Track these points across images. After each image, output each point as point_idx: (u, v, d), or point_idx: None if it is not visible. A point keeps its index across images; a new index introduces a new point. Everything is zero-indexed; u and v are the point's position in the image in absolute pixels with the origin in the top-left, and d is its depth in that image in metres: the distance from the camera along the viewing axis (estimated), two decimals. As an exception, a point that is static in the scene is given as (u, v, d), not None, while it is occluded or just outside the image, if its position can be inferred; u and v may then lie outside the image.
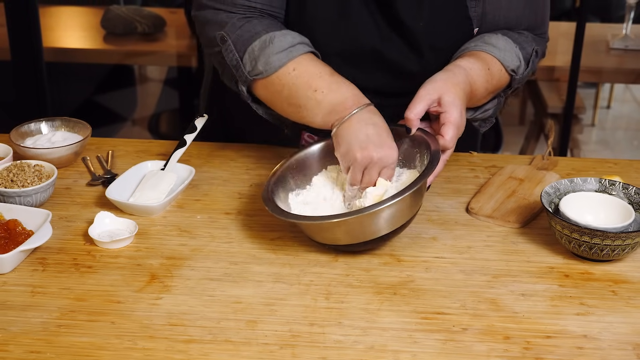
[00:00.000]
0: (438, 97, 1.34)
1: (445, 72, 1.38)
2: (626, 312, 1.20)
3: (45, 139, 1.61)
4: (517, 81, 1.49)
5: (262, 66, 1.39)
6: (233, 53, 1.41)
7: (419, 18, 1.45)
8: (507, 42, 1.47)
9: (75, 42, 3.30)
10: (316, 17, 1.46)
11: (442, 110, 1.34)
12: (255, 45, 1.40)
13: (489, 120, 1.53)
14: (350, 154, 1.31)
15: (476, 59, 1.43)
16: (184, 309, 1.18)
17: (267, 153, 1.65)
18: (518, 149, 3.83)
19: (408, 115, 1.34)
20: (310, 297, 1.21)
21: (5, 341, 1.11)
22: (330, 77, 1.37)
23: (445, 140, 1.34)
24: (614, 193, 1.39)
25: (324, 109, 1.35)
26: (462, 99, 1.36)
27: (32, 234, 1.30)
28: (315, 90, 1.36)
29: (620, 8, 4.13)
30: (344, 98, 1.35)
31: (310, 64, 1.39)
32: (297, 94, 1.38)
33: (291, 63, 1.38)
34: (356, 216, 1.24)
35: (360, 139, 1.31)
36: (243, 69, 1.41)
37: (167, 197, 1.44)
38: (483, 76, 1.42)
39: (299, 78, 1.37)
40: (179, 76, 3.84)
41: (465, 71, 1.39)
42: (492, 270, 1.28)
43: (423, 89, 1.35)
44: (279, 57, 1.38)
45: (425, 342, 1.13)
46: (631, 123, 4.67)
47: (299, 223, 1.31)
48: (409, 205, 1.28)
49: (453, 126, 1.34)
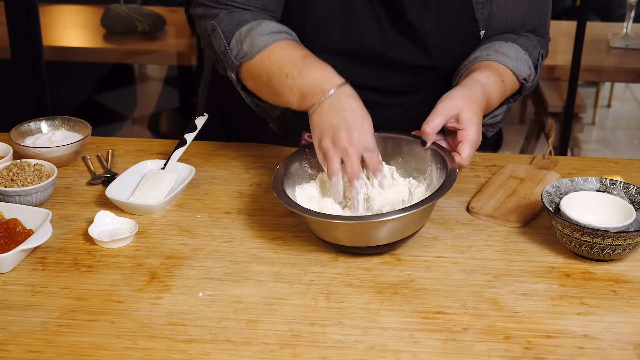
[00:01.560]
0: (456, 114, 1.33)
1: (463, 87, 1.37)
2: (627, 311, 1.19)
3: (45, 138, 1.61)
4: (527, 89, 1.49)
5: (247, 47, 1.37)
6: (221, 40, 1.41)
7: (426, 19, 1.45)
8: (518, 51, 1.46)
9: (75, 41, 3.30)
10: (320, 16, 1.46)
11: (460, 127, 1.34)
12: (242, 30, 1.39)
13: (496, 125, 1.53)
14: (323, 143, 1.28)
15: (492, 72, 1.42)
16: (184, 309, 1.18)
17: (267, 152, 1.65)
18: (518, 148, 3.83)
19: (425, 129, 1.33)
20: (311, 297, 1.21)
21: (5, 341, 1.11)
22: (302, 60, 1.34)
23: (461, 159, 1.33)
24: (615, 192, 1.39)
25: (296, 95, 1.32)
26: (479, 117, 1.35)
27: (32, 233, 1.30)
28: (287, 76, 1.33)
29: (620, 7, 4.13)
30: (314, 82, 1.31)
31: (287, 50, 1.36)
32: (273, 80, 1.35)
33: (272, 47, 1.36)
34: (361, 222, 1.23)
35: (333, 126, 1.27)
36: (230, 54, 1.40)
37: (167, 197, 1.44)
38: (498, 89, 1.42)
39: (274, 64, 1.35)
40: (179, 75, 3.84)
41: (482, 86, 1.38)
42: (492, 270, 1.28)
43: (442, 103, 1.34)
44: (264, 38, 1.37)
45: (426, 341, 1.12)
46: (631, 122, 4.67)
47: (305, 217, 1.29)
48: (417, 219, 1.28)
49: (470, 145, 1.33)
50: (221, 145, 1.68)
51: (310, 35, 1.46)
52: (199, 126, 1.56)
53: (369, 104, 1.54)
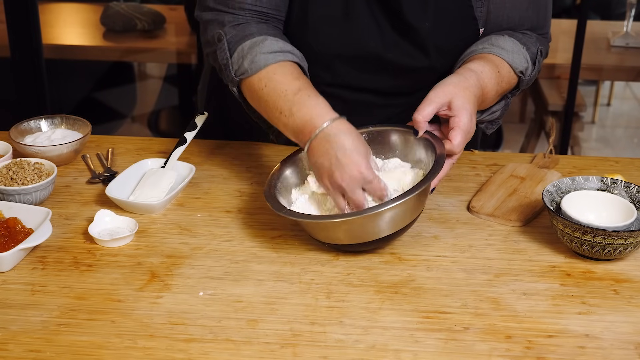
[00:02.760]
0: (448, 101, 1.32)
1: (456, 75, 1.36)
2: (628, 311, 1.19)
3: (45, 136, 1.60)
4: (524, 82, 1.48)
5: (248, 64, 1.37)
6: (225, 51, 1.40)
7: (425, 19, 1.45)
8: (514, 44, 1.46)
9: (74, 39, 3.30)
10: (319, 19, 1.45)
11: (451, 114, 1.33)
12: (246, 45, 1.39)
13: (495, 122, 1.52)
14: (323, 181, 1.30)
15: (486, 62, 1.41)
16: (184, 308, 1.18)
17: (267, 151, 1.65)
18: (518, 147, 3.83)
19: (416, 118, 1.33)
20: (311, 296, 1.21)
21: (5, 340, 1.11)
22: (294, 96, 1.33)
23: (452, 145, 1.31)
24: (616, 192, 1.38)
25: (290, 131, 1.33)
26: (472, 103, 1.34)
27: (31, 232, 1.30)
28: (280, 113, 1.34)
29: (621, 5, 4.13)
30: (304, 121, 1.30)
31: (282, 80, 1.35)
32: (267, 112, 1.37)
33: (271, 68, 1.35)
34: (357, 217, 1.23)
35: (325, 167, 1.28)
36: (230, 69, 1.40)
37: (167, 195, 1.44)
38: (494, 79, 1.41)
39: (269, 96, 1.35)
40: (179, 73, 3.84)
41: (476, 74, 1.37)
42: (493, 269, 1.28)
43: (433, 91, 1.33)
44: (265, 57, 1.36)
45: (427, 341, 1.12)
46: (631, 121, 4.67)
47: (300, 221, 1.30)
48: (412, 208, 1.28)
49: (461, 131, 1.31)
50: (221, 144, 1.68)
51: (310, 37, 1.46)
52: (199, 125, 1.55)
53: (368, 106, 1.54)
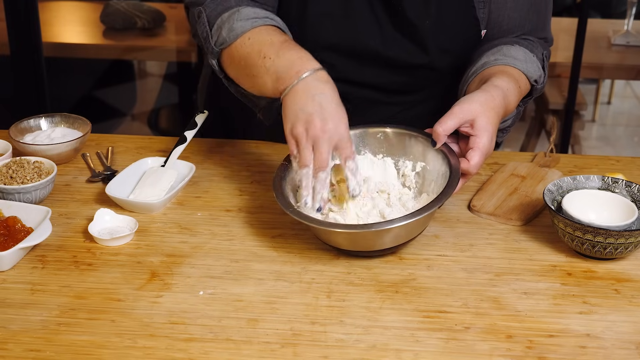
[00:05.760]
0: (472, 119, 1.30)
1: (483, 92, 1.33)
2: (629, 310, 1.19)
3: (44, 135, 1.60)
4: (537, 91, 1.47)
5: (226, 33, 1.36)
6: (205, 25, 1.40)
7: (426, 17, 1.44)
8: (526, 53, 1.44)
9: (74, 37, 3.29)
10: (319, 14, 1.45)
11: (473, 133, 1.30)
12: (224, 16, 1.38)
13: (506, 131, 1.50)
14: (296, 129, 1.23)
15: (510, 78, 1.38)
16: (184, 307, 1.18)
17: (267, 150, 1.64)
18: (519, 146, 3.83)
19: (436, 129, 1.30)
20: (312, 296, 1.21)
21: (5, 339, 1.11)
22: (281, 43, 1.31)
23: (469, 165, 1.29)
24: (617, 191, 1.38)
25: (272, 76, 1.28)
26: (495, 125, 1.32)
27: (31, 231, 1.29)
28: (264, 57, 1.29)
29: (621, 4, 4.12)
30: (290, 63, 1.26)
31: (266, 33, 1.34)
32: (250, 63, 1.32)
33: (250, 32, 1.34)
34: (362, 231, 1.22)
35: (306, 112, 1.22)
36: (210, 40, 1.39)
37: (167, 194, 1.43)
38: (516, 95, 1.39)
39: (252, 46, 1.32)
40: (179, 71, 3.84)
41: (503, 93, 1.34)
42: (494, 269, 1.28)
43: (458, 106, 1.30)
44: (243, 24, 1.35)
45: (427, 340, 1.12)
46: (631, 119, 4.67)
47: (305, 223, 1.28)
48: (419, 225, 1.27)
49: (480, 152, 1.30)
50: (221, 143, 1.68)
51: (309, 33, 1.46)
52: (199, 123, 1.55)
53: (368, 102, 1.54)
